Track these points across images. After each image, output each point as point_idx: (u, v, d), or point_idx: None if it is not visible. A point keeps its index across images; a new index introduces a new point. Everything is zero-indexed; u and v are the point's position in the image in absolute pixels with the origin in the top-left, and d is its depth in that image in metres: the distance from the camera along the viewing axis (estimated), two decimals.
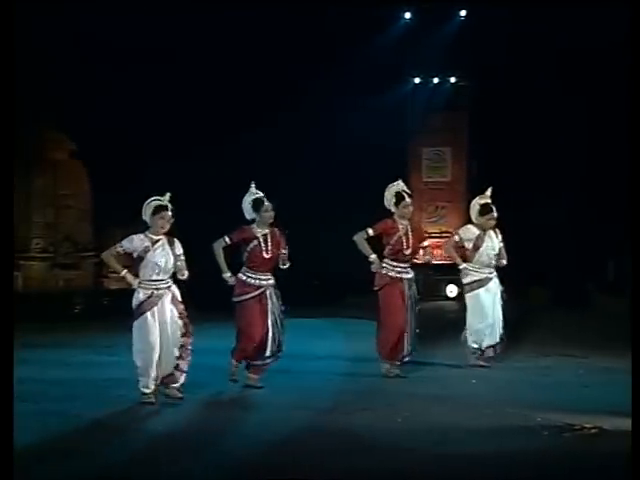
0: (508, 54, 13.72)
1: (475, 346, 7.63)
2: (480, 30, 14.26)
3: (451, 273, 15.91)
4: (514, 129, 14.27)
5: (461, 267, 7.64)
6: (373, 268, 7.14)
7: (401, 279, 7.20)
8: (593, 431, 5.32)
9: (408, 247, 7.20)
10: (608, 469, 4.66)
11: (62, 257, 15.10)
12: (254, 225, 6.60)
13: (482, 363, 7.58)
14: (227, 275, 6.51)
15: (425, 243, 7.55)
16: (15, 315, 4.67)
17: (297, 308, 6.21)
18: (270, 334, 6.49)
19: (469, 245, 7.64)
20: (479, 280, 7.61)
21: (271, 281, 6.58)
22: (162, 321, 6.00)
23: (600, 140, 13.74)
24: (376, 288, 7.27)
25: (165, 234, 6.14)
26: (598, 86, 13.42)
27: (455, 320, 10.54)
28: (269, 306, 6.52)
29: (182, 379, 6.06)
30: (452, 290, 14.94)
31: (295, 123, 14.02)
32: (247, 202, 6.65)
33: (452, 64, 15.68)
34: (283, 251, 6.57)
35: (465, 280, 7.73)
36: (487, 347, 7.62)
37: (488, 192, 7.72)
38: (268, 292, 6.55)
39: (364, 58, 13.82)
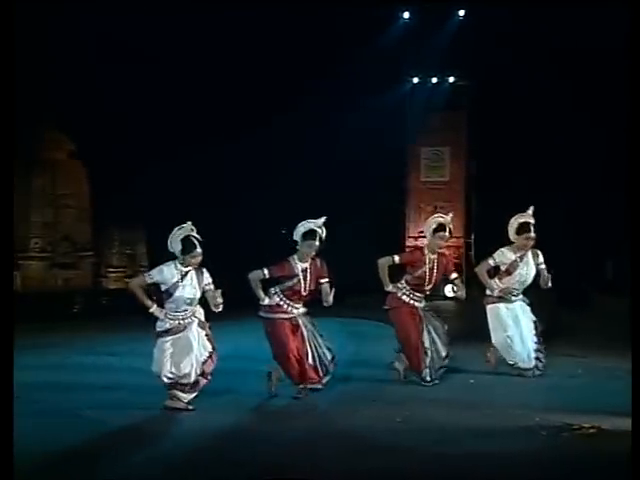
0: (506, 54, 13.74)
1: (511, 363, 7.38)
2: (479, 30, 14.28)
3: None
4: (513, 129, 14.30)
5: (488, 293, 7.41)
6: (389, 289, 7.02)
7: (413, 305, 7.07)
8: (592, 431, 5.32)
9: (430, 282, 7.04)
10: (607, 469, 4.67)
11: (61, 257, 15.10)
12: (295, 256, 6.38)
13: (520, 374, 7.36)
14: (266, 301, 6.37)
15: (453, 275, 7.25)
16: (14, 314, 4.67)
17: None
18: (310, 360, 6.39)
19: (503, 268, 7.35)
20: (501, 297, 7.39)
21: (301, 310, 6.46)
22: (189, 343, 5.96)
23: (599, 139, 13.77)
24: (386, 307, 7.15)
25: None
26: (597, 85, 13.45)
27: (453, 319, 10.56)
28: (303, 332, 6.41)
29: (194, 394, 6.01)
30: (450, 290, 14.94)
31: (293, 123, 14.04)
32: (303, 227, 6.34)
33: (451, 64, 15.70)
34: (321, 280, 6.40)
35: (488, 292, 7.49)
36: (524, 369, 7.31)
37: (530, 211, 7.30)
38: (300, 320, 6.44)
39: (363, 58, 13.83)
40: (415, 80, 16.37)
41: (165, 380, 5.94)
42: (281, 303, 6.39)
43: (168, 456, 4.90)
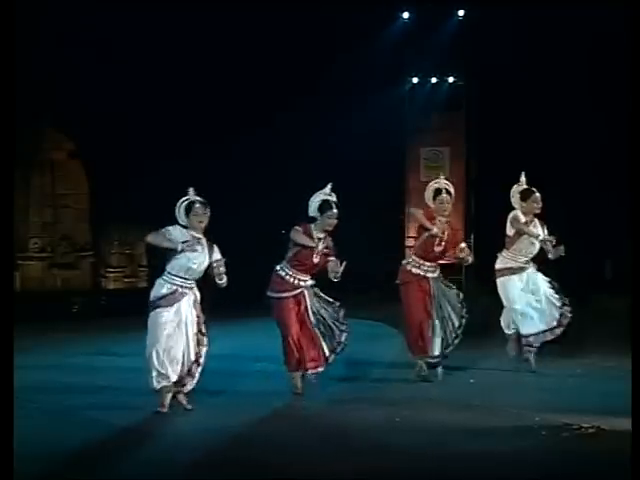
0: (506, 54, 13.72)
1: (508, 332, 7.40)
2: (478, 30, 14.27)
3: (449, 273, 16.02)
4: (512, 129, 14.28)
5: (499, 266, 7.42)
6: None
7: (425, 277, 7.01)
8: (591, 431, 5.32)
9: (440, 245, 6.99)
10: (607, 469, 4.67)
11: (60, 257, 15.10)
12: (313, 225, 6.43)
13: (528, 357, 7.36)
14: (309, 282, 6.37)
15: (462, 244, 7.19)
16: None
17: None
18: (312, 339, 6.34)
19: (511, 231, 7.39)
20: (511, 268, 7.38)
21: (309, 282, 6.42)
22: (182, 320, 5.82)
23: (599, 139, 13.75)
24: (398, 282, 7.10)
25: (206, 239, 5.97)
26: (597, 86, 13.44)
27: None
28: (307, 307, 6.37)
29: (190, 385, 5.92)
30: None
31: (293, 123, 14.03)
32: (316, 200, 6.46)
33: (450, 64, 15.68)
34: (329, 258, 6.40)
35: (497, 265, 7.48)
36: (528, 335, 7.31)
37: (522, 179, 7.47)
38: (307, 293, 6.41)
39: (362, 58, 13.81)
40: (415, 80, 16.35)
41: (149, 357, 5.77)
42: (288, 277, 6.34)
43: (168, 456, 4.90)
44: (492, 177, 15.09)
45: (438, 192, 7.08)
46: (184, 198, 6.01)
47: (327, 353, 6.42)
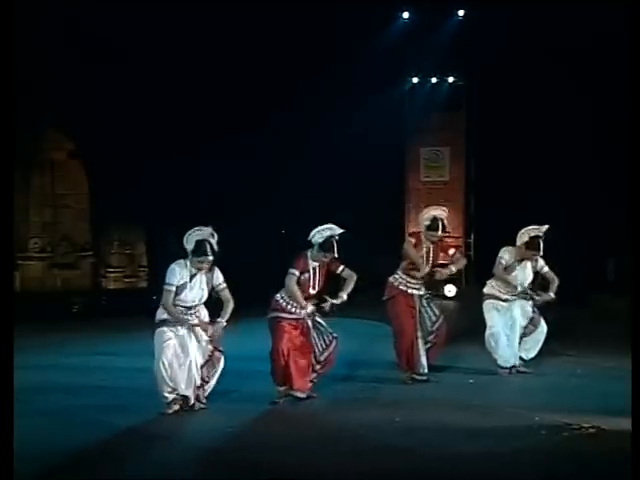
0: (506, 54, 13.71)
1: (494, 356, 7.47)
2: (478, 30, 14.25)
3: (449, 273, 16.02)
4: (512, 129, 14.27)
5: (486, 291, 7.54)
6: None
7: (411, 294, 7.15)
8: (591, 430, 5.33)
9: (427, 265, 7.13)
10: (607, 468, 4.67)
11: (60, 257, 15.10)
12: (309, 253, 6.32)
13: (521, 370, 7.44)
14: (310, 310, 6.29)
15: (451, 251, 7.36)
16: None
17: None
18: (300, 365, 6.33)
19: (502, 266, 7.43)
20: (496, 297, 7.49)
21: (309, 309, 6.34)
22: (185, 345, 5.88)
23: (600, 139, 13.74)
24: (385, 298, 7.24)
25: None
26: (597, 86, 13.42)
27: (453, 319, 10.55)
28: (305, 333, 6.36)
29: (197, 407, 5.96)
30: (450, 290, 14.97)
31: (293, 123, 14.02)
32: (322, 235, 6.26)
33: (450, 64, 15.68)
34: (338, 269, 6.39)
35: (485, 290, 7.61)
36: (504, 367, 7.42)
37: (544, 228, 7.33)
38: (306, 323, 6.37)
39: (362, 58, 13.80)
40: (415, 80, 16.36)
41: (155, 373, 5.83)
42: (288, 306, 6.33)
43: (167, 456, 4.90)
44: (492, 177, 15.11)
45: (434, 225, 7.08)
46: (199, 233, 5.88)
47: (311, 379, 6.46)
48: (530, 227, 7.37)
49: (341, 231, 6.31)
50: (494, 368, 7.48)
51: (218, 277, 5.98)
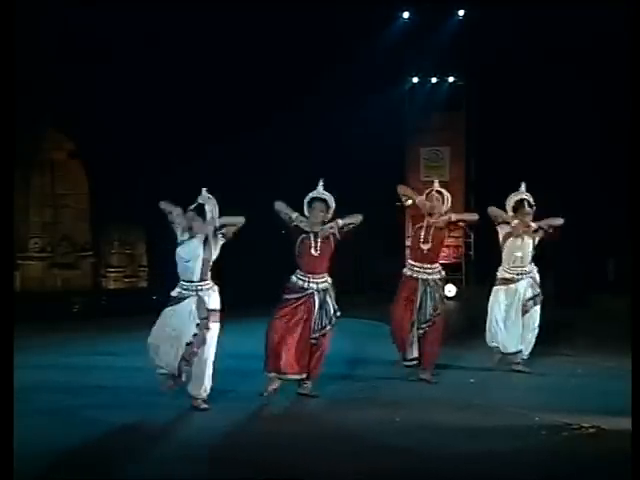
0: (506, 54, 13.73)
1: (493, 344, 7.48)
2: (478, 30, 14.27)
3: (449, 272, 16.02)
4: (512, 128, 14.28)
5: (499, 275, 7.56)
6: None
7: (416, 278, 7.09)
8: (591, 430, 5.33)
9: (426, 242, 7.10)
10: (607, 468, 4.67)
11: (60, 257, 15.11)
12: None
13: (518, 368, 7.38)
14: (294, 216, 6.60)
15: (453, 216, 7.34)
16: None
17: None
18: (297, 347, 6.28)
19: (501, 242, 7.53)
20: (504, 279, 7.49)
21: (321, 285, 6.36)
22: (183, 316, 5.92)
23: (600, 139, 13.74)
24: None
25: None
26: (597, 85, 13.43)
27: (454, 319, 10.56)
28: (311, 311, 6.32)
29: (192, 384, 5.95)
30: (450, 290, 14.95)
31: (293, 123, 14.02)
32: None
33: (450, 64, 15.69)
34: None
35: (497, 274, 7.65)
36: (509, 353, 7.41)
37: (523, 187, 7.58)
38: (316, 298, 6.35)
39: (362, 57, 13.81)
40: (415, 80, 16.37)
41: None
42: (298, 282, 6.31)
43: (167, 455, 4.90)
44: (492, 177, 15.11)
45: (429, 192, 7.40)
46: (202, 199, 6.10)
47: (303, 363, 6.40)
48: (511, 195, 7.57)
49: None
50: (497, 363, 7.43)
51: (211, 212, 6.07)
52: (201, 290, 5.97)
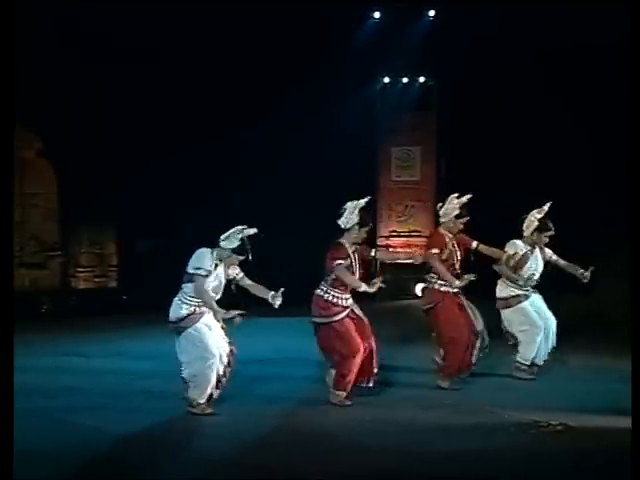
0: (477, 54, 13.83)
1: (527, 363, 7.24)
2: (449, 30, 14.36)
3: (420, 273, 16.10)
4: (483, 128, 14.39)
5: (501, 295, 7.31)
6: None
7: (455, 293, 6.79)
8: (559, 428, 5.40)
9: (458, 259, 6.82)
10: (574, 463, 4.74)
11: (28, 256, 14.94)
12: (344, 240, 6.20)
13: (527, 377, 7.20)
14: (363, 288, 6.05)
15: (474, 244, 6.91)
16: None
17: (264, 306, 6.14)
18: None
19: (511, 263, 7.20)
20: (515, 296, 7.27)
21: (350, 301, 6.24)
22: (212, 333, 5.78)
23: (569, 138, 13.84)
24: (427, 307, 6.88)
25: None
26: (567, 85, 13.55)
27: (424, 319, 10.59)
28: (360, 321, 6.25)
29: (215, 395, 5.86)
30: (420, 290, 15.03)
31: (264, 124, 14.02)
32: (354, 219, 6.15)
33: (421, 64, 15.78)
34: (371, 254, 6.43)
35: (498, 294, 7.36)
36: (532, 364, 7.24)
37: (546, 207, 7.27)
38: (355, 311, 6.27)
39: (334, 58, 13.85)
40: (386, 80, 16.44)
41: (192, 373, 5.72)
42: (334, 300, 6.17)
43: (137, 457, 4.87)
44: (462, 176, 15.21)
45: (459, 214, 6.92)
46: (245, 233, 5.81)
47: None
48: (533, 211, 7.27)
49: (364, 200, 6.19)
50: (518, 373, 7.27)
51: (235, 268, 5.89)
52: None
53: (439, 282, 6.80)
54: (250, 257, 5.78)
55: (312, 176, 14.20)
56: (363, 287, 6.00)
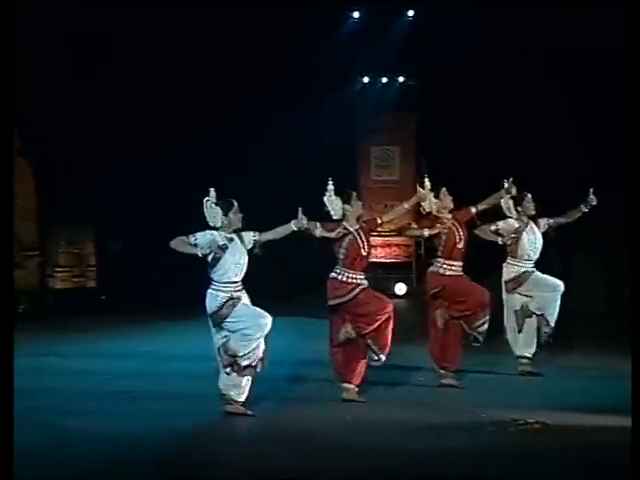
0: (457, 53, 13.87)
1: (519, 353, 7.29)
2: (428, 30, 14.39)
3: (400, 272, 16.17)
4: (462, 128, 14.43)
5: (505, 278, 7.33)
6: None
7: (461, 276, 6.87)
8: (537, 426, 5.44)
9: (461, 240, 6.89)
10: (552, 460, 4.78)
11: None
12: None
13: (532, 370, 7.24)
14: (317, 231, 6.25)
15: (472, 209, 7.16)
16: None
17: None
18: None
19: (508, 241, 7.28)
20: (519, 276, 7.26)
21: (365, 282, 6.30)
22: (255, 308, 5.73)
23: (551, 138, 13.91)
24: (433, 291, 6.89)
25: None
26: (548, 84, 13.60)
27: (404, 318, 10.63)
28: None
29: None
30: (401, 288, 15.12)
31: (243, 122, 13.98)
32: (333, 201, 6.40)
33: (400, 63, 15.81)
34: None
35: (505, 277, 7.35)
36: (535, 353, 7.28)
37: (507, 185, 7.42)
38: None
39: (313, 57, 13.84)
40: (365, 80, 16.45)
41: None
42: (345, 278, 6.20)
43: (118, 456, 4.86)
44: (442, 176, 15.26)
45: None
46: (211, 197, 5.83)
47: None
48: (498, 195, 7.42)
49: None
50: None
51: (248, 233, 5.82)
52: (244, 290, 5.83)
53: (444, 266, 6.83)
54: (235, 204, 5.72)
55: (291, 176, 14.18)
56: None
